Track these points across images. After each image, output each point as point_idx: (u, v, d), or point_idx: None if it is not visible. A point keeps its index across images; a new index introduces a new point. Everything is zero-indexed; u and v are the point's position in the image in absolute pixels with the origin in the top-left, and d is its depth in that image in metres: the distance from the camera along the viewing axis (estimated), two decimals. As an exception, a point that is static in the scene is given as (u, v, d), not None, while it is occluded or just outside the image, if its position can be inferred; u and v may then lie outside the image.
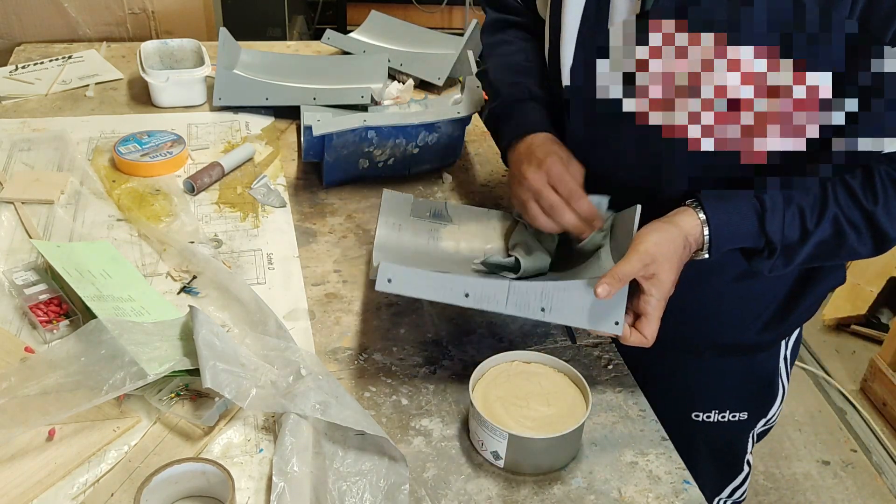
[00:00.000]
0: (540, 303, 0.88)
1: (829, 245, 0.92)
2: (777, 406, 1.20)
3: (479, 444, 0.87)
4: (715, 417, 1.17)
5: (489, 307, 0.88)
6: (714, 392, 1.17)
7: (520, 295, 0.88)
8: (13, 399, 0.81)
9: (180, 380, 0.90)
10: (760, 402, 1.19)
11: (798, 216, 0.90)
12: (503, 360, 0.92)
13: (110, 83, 1.66)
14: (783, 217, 0.90)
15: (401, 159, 1.35)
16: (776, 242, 0.90)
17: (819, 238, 0.91)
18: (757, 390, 1.18)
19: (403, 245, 1.10)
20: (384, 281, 0.88)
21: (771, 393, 1.18)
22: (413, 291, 0.89)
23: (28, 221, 1.19)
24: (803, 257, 0.93)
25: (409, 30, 1.83)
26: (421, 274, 0.89)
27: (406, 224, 1.13)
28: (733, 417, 1.18)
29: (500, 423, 0.84)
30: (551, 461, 0.86)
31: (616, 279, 0.86)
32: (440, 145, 1.37)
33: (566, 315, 0.88)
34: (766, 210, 0.90)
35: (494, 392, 0.88)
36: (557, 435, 0.83)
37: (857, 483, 2.14)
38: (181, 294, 1.08)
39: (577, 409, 0.87)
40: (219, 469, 0.78)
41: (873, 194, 0.89)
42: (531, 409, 0.87)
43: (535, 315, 0.88)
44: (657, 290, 0.88)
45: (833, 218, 0.90)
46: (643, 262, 0.87)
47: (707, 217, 0.90)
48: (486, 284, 0.89)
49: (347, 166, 1.32)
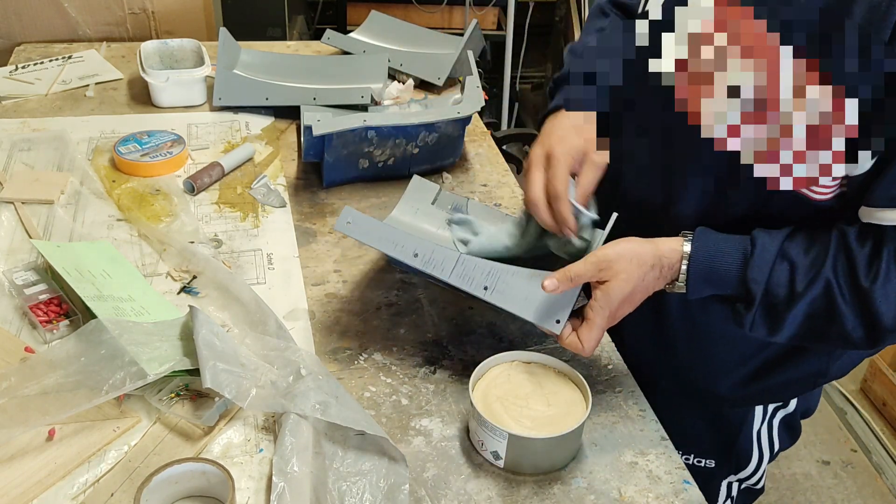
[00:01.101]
0: (485, 281, 0.89)
1: (818, 316, 0.83)
2: (755, 468, 1.12)
3: (479, 444, 0.87)
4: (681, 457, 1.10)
5: (435, 272, 0.90)
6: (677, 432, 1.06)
7: (467, 268, 0.90)
8: (13, 399, 0.81)
9: (180, 380, 0.90)
10: (730, 455, 1.11)
11: (788, 272, 0.82)
12: (503, 360, 0.92)
13: (110, 83, 1.66)
14: (771, 267, 0.82)
15: (401, 159, 1.35)
16: (755, 293, 0.83)
17: (808, 303, 0.82)
18: (722, 442, 1.10)
19: (413, 227, 1.11)
20: (343, 223, 0.93)
21: (740, 451, 1.11)
22: (367, 239, 0.92)
23: (28, 221, 1.19)
24: (791, 324, 0.84)
25: (409, 30, 1.83)
26: (378, 225, 0.92)
27: (424, 210, 1.15)
28: (699, 462, 1.12)
29: (500, 423, 0.84)
30: (551, 461, 0.86)
31: (566, 277, 0.84)
32: (440, 145, 1.37)
33: (508, 300, 0.89)
34: (755, 255, 0.83)
35: (494, 392, 0.88)
36: (557, 435, 0.83)
37: (857, 483, 2.14)
38: (181, 294, 1.08)
39: (577, 409, 0.87)
40: (219, 469, 0.78)
41: (875, 272, 0.80)
42: (531, 409, 0.87)
43: (477, 292, 0.89)
44: (603, 298, 0.84)
45: (825, 284, 0.81)
46: (598, 267, 0.84)
47: (692, 248, 0.85)
48: (437, 250, 0.90)
49: (347, 166, 1.32)
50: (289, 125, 1.54)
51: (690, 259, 0.85)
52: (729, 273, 0.84)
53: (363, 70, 1.62)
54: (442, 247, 0.93)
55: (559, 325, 0.87)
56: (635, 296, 0.86)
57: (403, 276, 1.14)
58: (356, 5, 3.23)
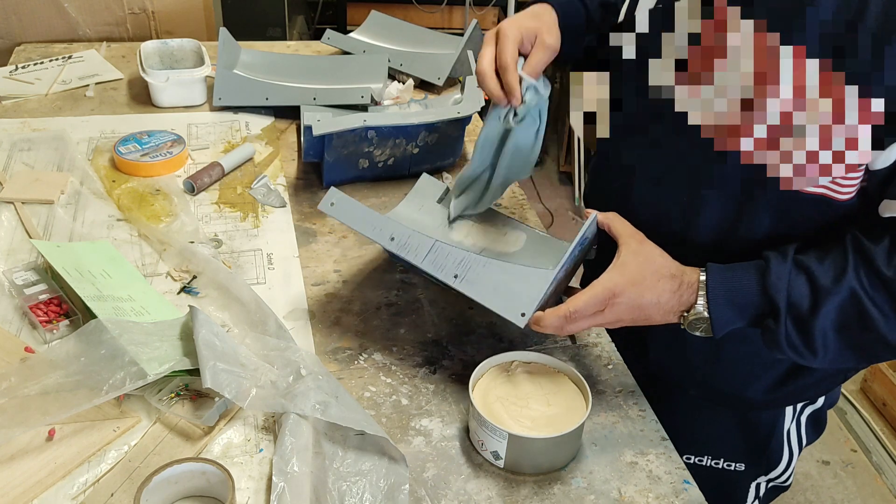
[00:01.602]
0: (455, 269, 0.90)
1: (850, 326, 0.79)
2: (785, 466, 1.12)
3: (479, 444, 0.87)
4: (708, 462, 1.11)
5: (408, 257, 0.92)
6: (706, 438, 1.10)
7: (440, 255, 0.91)
8: (13, 399, 0.81)
9: (180, 380, 0.90)
10: (760, 458, 1.11)
11: (807, 282, 0.80)
12: (503, 360, 0.92)
13: (110, 83, 1.66)
14: (788, 279, 0.80)
15: (401, 159, 1.35)
16: (779, 302, 0.80)
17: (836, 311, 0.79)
18: (754, 445, 1.10)
19: (414, 222, 1.11)
20: (328, 203, 0.97)
21: (771, 452, 1.10)
22: (347, 220, 0.96)
23: (28, 221, 1.19)
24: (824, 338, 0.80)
25: (409, 30, 1.83)
26: (360, 207, 0.95)
27: (429, 207, 1.15)
28: (728, 466, 1.11)
29: (500, 423, 0.84)
30: (551, 461, 0.86)
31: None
32: (440, 145, 1.37)
33: (477, 290, 0.89)
34: (770, 268, 0.81)
35: (494, 392, 0.88)
36: (557, 435, 0.83)
37: (857, 483, 2.14)
38: (181, 294, 1.08)
39: (577, 408, 0.87)
40: (219, 469, 0.78)
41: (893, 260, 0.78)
42: (531, 409, 0.87)
43: (447, 279, 0.90)
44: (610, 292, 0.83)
45: (850, 291, 0.78)
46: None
47: (707, 274, 0.84)
48: (412, 235, 0.93)
49: (347, 166, 1.32)
50: (289, 125, 1.54)
51: (708, 282, 0.83)
52: (750, 289, 0.82)
53: (363, 70, 1.62)
54: (419, 233, 0.93)
55: (524, 318, 0.87)
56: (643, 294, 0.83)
57: (403, 276, 1.14)
58: (356, 5, 3.23)
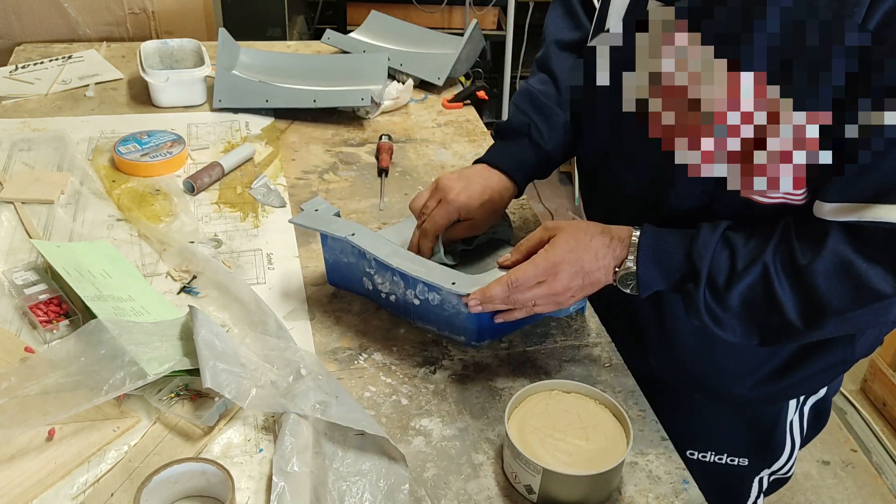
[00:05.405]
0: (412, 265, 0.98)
1: (757, 304, 0.84)
2: (786, 458, 1.14)
3: (512, 476, 0.83)
4: (712, 458, 1.13)
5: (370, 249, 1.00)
6: (709, 434, 1.12)
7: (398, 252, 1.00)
8: (13, 399, 0.81)
9: (180, 380, 0.90)
10: (763, 451, 1.13)
11: (728, 257, 0.85)
12: (542, 388, 0.88)
13: (110, 83, 1.66)
14: (713, 249, 0.85)
15: (402, 304, 1.05)
16: (700, 268, 0.85)
17: (747, 288, 0.84)
18: (757, 440, 1.12)
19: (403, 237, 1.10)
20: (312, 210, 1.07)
21: (775, 445, 1.12)
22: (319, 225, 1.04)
23: (28, 221, 1.19)
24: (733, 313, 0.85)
25: (409, 30, 1.83)
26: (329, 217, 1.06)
27: None
28: (732, 461, 1.13)
29: (535, 456, 0.80)
30: (586, 499, 0.82)
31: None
32: (445, 313, 1.01)
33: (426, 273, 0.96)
34: (699, 237, 0.86)
35: (531, 422, 0.85)
36: (594, 473, 0.79)
37: (857, 483, 2.14)
38: (181, 294, 1.08)
39: (617, 444, 0.83)
40: (219, 469, 0.78)
41: (814, 253, 0.81)
42: (568, 442, 0.83)
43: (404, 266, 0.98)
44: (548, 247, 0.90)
45: (763, 269, 0.83)
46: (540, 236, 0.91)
47: (640, 232, 0.89)
48: (373, 236, 1.02)
49: (351, 278, 1.09)
50: (289, 125, 1.54)
51: (640, 237, 0.89)
52: (676, 252, 0.87)
53: (363, 70, 1.62)
54: (379, 236, 1.03)
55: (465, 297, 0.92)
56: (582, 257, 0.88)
57: (403, 276, 1.14)
58: (356, 5, 3.23)
